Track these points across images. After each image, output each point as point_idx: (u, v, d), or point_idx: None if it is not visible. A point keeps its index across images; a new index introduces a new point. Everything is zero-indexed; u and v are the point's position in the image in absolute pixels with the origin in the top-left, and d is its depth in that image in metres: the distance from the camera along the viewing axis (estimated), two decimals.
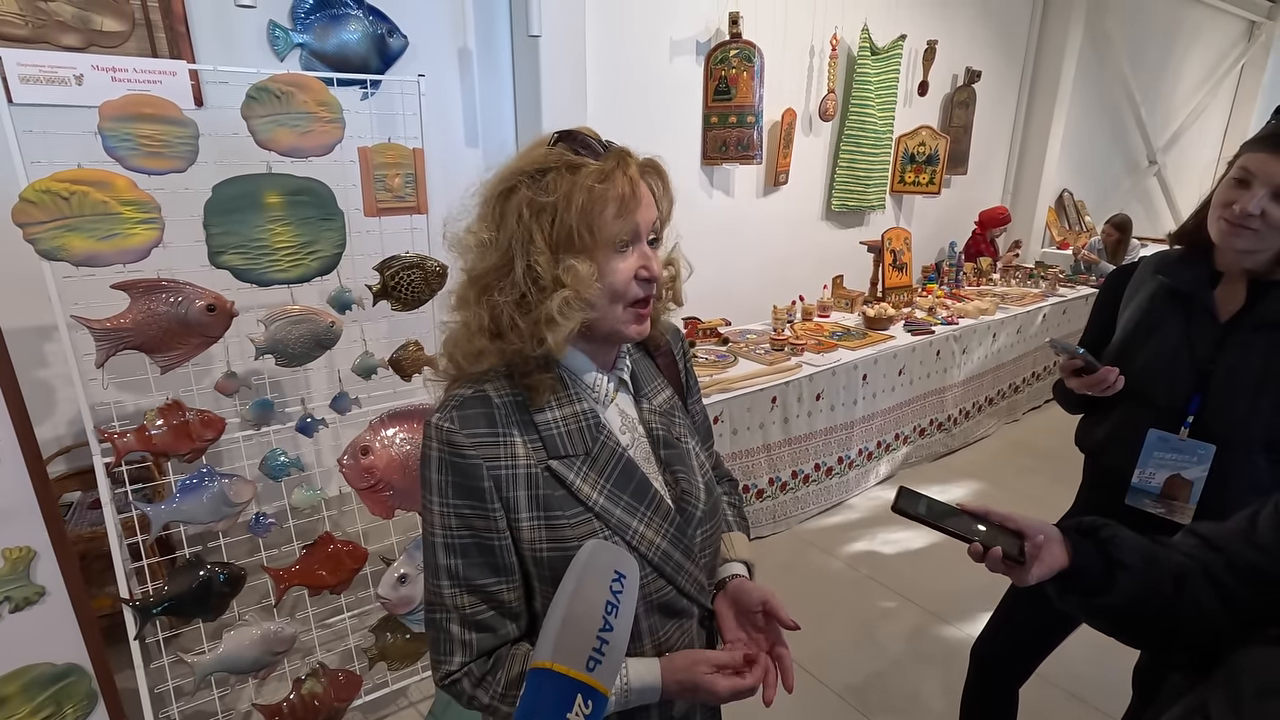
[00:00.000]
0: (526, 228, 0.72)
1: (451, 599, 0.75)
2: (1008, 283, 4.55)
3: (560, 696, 0.59)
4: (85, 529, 2.04)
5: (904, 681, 2.17)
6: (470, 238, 0.76)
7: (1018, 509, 0.84)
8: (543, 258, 0.72)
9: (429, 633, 0.78)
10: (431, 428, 0.75)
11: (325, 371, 1.83)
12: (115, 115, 1.38)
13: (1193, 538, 0.80)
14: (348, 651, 1.92)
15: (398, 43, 2.65)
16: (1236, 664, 0.64)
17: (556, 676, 0.59)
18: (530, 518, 0.75)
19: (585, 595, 0.65)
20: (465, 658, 0.76)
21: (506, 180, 0.74)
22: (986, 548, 0.80)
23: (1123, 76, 6.41)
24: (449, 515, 0.75)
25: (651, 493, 0.81)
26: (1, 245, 1.43)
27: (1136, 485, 1.27)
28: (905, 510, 0.83)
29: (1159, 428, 1.24)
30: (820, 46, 4.03)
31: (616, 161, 0.74)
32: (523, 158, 0.75)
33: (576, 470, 0.77)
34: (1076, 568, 0.78)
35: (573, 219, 0.71)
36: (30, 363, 2.14)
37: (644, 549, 0.79)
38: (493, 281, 0.74)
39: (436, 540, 0.76)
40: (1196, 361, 1.21)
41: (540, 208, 0.72)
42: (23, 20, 2.01)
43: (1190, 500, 1.22)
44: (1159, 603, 0.74)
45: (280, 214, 1.58)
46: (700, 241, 4.41)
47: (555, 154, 0.74)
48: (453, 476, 0.74)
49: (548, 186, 0.72)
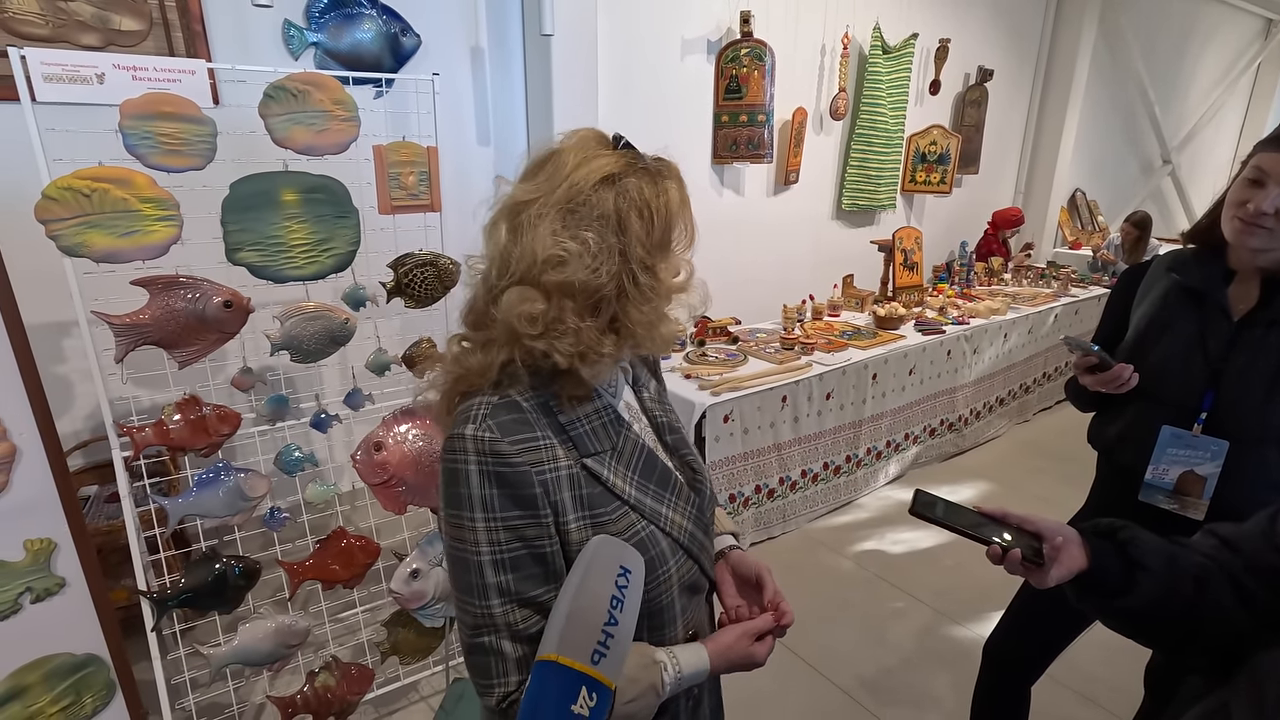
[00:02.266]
0: (634, 230, 0.73)
1: (503, 616, 0.72)
2: (1019, 283, 4.53)
3: (565, 688, 0.59)
4: (102, 522, 2.07)
5: (913, 680, 2.17)
6: (575, 244, 0.71)
7: (1028, 509, 0.84)
8: (650, 258, 0.75)
9: (475, 659, 0.74)
10: (467, 441, 0.71)
11: (339, 368, 1.85)
12: (136, 114, 1.39)
13: (1212, 538, 0.79)
14: (360, 645, 1.94)
15: (411, 41, 2.67)
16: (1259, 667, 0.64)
17: (561, 669, 0.60)
18: (577, 518, 0.75)
19: (590, 589, 0.66)
20: (522, 675, 0.72)
21: (594, 185, 0.72)
22: (1005, 550, 0.80)
23: (1137, 75, 6.36)
24: (496, 530, 0.71)
25: (673, 479, 0.85)
26: (23, 242, 1.44)
27: (1150, 482, 1.28)
28: (922, 513, 0.84)
29: (1172, 424, 1.24)
30: (832, 45, 4.02)
31: (669, 167, 0.78)
32: (592, 163, 0.73)
33: (608, 465, 0.78)
34: (1096, 569, 0.78)
35: (670, 220, 0.75)
36: (50, 358, 2.17)
37: (676, 534, 0.81)
38: (611, 287, 0.73)
39: (483, 559, 0.72)
40: (1210, 359, 1.21)
41: (639, 209, 0.73)
42: (43, 20, 2.03)
43: (1204, 496, 1.23)
44: (1179, 604, 0.74)
45: (296, 211, 1.60)
46: (710, 240, 4.40)
47: (625, 157, 0.75)
48: (499, 488, 0.71)
49: (635, 188, 0.73)
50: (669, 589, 0.80)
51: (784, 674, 2.18)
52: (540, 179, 0.74)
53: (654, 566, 0.78)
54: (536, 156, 0.78)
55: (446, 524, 0.75)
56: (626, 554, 0.71)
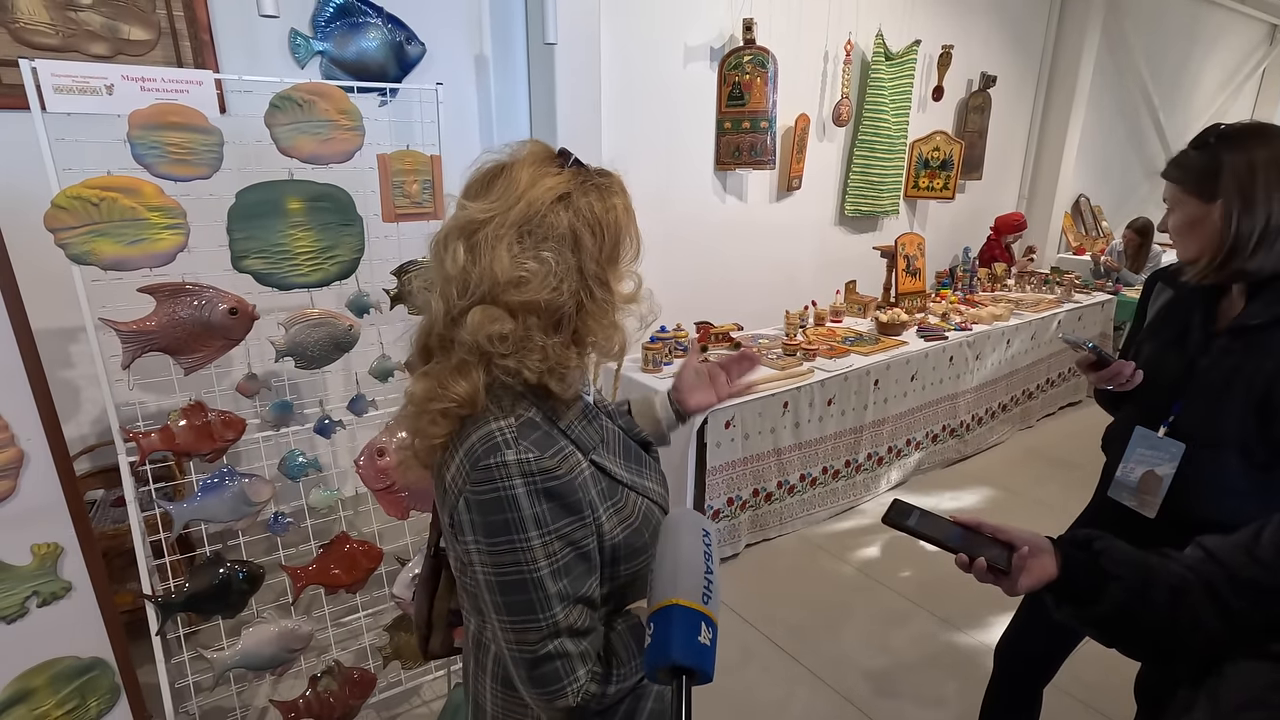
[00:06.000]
0: (587, 246, 0.75)
1: (565, 619, 0.75)
2: (1022, 288, 4.53)
3: (690, 625, 0.66)
4: (108, 526, 2.09)
5: (915, 687, 2.17)
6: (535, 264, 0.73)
7: (1031, 515, 0.85)
8: (602, 271, 0.77)
9: (542, 670, 0.76)
10: (510, 467, 0.72)
11: (343, 374, 1.87)
12: (144, 124, 1.41)
13: (1198, 550, 0.80)
14: (362, 650, 1.95)
15: (415, 50, 2.69)
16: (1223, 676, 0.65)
17: (684, 610, 0.67)
18: (605, 510, 0.80)
19: (688, 546, 0.72)
20: (587, 666, 0.77)
21: (549, 206, 0.73)
22: (972, 558, 0.81)
23: (1141, 80, 6.36)
24: (551, 542, 0.74)
25: (636, 451, 0.92)
26: (31, 249, 1.46)
27: (1118, 479, 1.35)
28: (895, 521, 0.85)
29: (1145, 426, 1.32)
30: (834, 52, 4.04)
31: (613, 180, 0.79)
32: (543, 183, 0.74)
33: (605, 457, 0.84)
34: (1066, 578, 0.80)
35: (619, 233, 0.77)
36: (57, 363, 2.19)
37: (655, 499, 0.89)
38: (570, 303, 0.75)
39: (541, 573, 0.74)
40: (1185, 364, 1.28)
41: (592, 225, 0.75)
42: (54, 30, 2.06)
43: (1158, 495, 1.29)
44: (1153, 614, 0.75)
45: (301, 220, 1.61)
46: (713, 246, 4.43)
47: (575, 175, 0.76)
48: (548, 502, 0.74)
49: (585, 205, 0.75)
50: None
51: (786, 681, 2.18)
52: (492, 197, 0.74)
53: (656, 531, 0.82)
54: (484, 170, 0.78)
55: (488, 554, 0.74)
56: (701, 520, 0.77)
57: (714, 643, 0.67)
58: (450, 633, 1.22)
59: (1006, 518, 3.14)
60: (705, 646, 0.65)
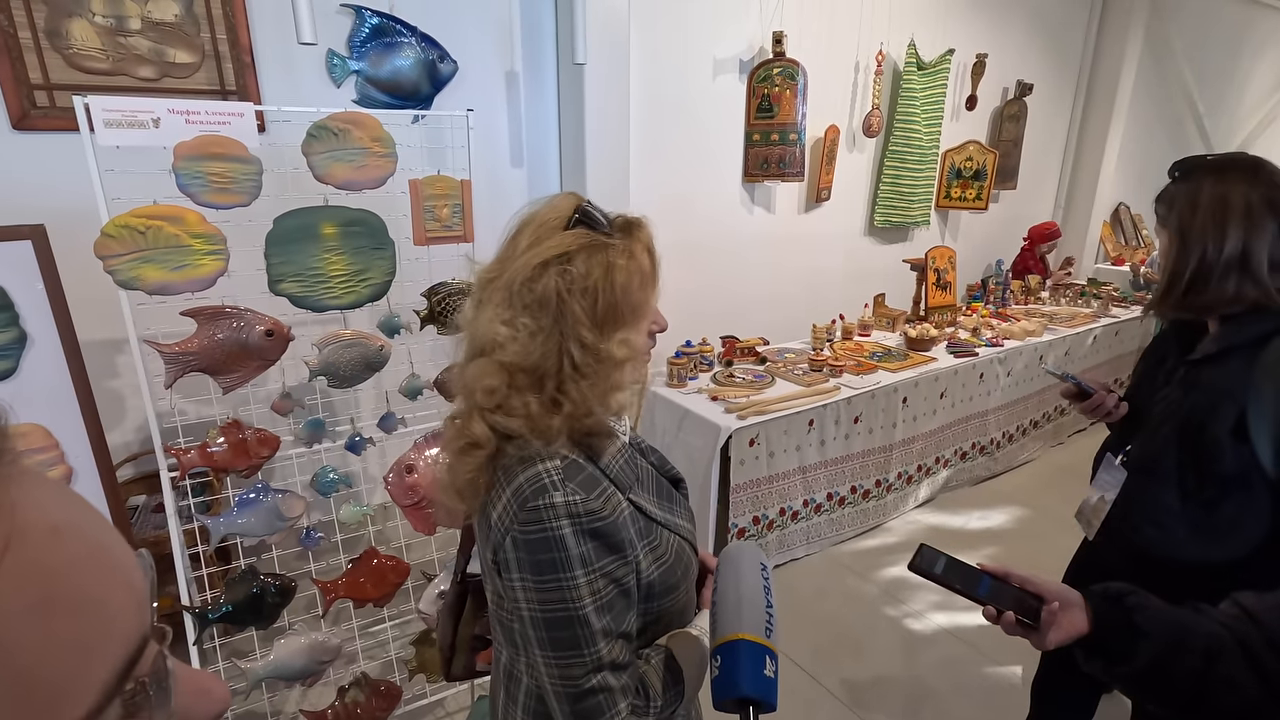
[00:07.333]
0: (573, 311, 0.75)
1: (608, 654, 0.77)
2: (1057, 301, 4.43)
3: (755, 659, 0.69)
4: (149, 532, 2.16)
5: (939, 714, 2.15)
6: (506, 329, 0.76)
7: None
8: (592, 335, 0.76)
9: (585, 704, 0.77)
10: (559, 508, 0.75)
11: (374, 392, 1.91)
12: (188, 155, 1.47)
13: (1234, 607, 0.79)
14: (389, 662, 1.99)
15: (448, 68, 2.73)
16: None
17: (750, 644, 0.69)
18: (642, 548, 0.82)
19: (749, 580, 0.75)
20: (628, 699, 0.79)
21: (534, 269, 0.76)
22: (1000, 612, 0.80)
23: (1184, 85, 6.17)
24: (596, 579, 0.76)
25: (670, 490, 0.94)
26: (81, 270, 1.53)
27: (1082, 502, 1.43)
28: (921, 569, 0.84)
29: (1114, 453, 1.37)
30: (865, 62, 4.00)
31: (632, 234, 0.80)
32: (542, 244, 0.77)
33: (641, 495, 0.86)
34: (1098, 635, 0.79)
35: (616, 296, 0.76)
36: (103, 373, 2.28)
37: (685, 535, 0.91)
38: (550, 365, 0.77)
39: (586, 610, 0.75)
40: (1152, 394, 1.31)
41: (583, 289, 0.76)
42: (104, 55, 2.15)
43: (1099, 519, 1.35)
44: (1185, 675, 0.74)
45: (335, 244, 1.66)
46: (740, 258, 4.40)
47: (578, 236, 0.77)
48: (594, 542, 0.76)
49: (582, 268, 0.76)
50: (692, 581, 0.92)
51: (809, 705, 2.18)
52: (504, 255, 0.80)
53: (688, 569, 0.88)
54: (512, 225, 0.82)
55: (535, 592, 0.76)
56: (759, 553, 0.80)
57: (776, 674, 0.70)
58: (473, 657, 1.25)
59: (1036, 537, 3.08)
60: (770, 679, 0.68)
